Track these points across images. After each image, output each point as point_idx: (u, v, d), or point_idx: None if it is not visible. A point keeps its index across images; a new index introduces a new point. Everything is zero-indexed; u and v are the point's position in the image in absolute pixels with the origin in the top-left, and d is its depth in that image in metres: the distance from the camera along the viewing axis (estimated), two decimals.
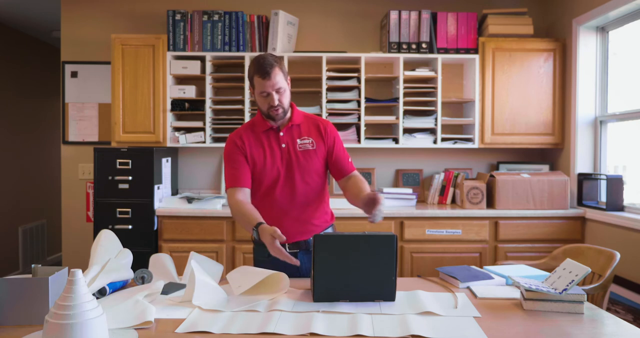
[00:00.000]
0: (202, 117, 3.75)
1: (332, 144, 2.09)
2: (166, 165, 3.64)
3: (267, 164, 2.04)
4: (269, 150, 2.04)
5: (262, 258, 2.06)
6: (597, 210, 3.30)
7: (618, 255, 2.23)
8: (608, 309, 2.86)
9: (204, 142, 3.65)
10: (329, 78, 3.66)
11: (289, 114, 2.07)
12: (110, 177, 3.40)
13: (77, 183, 3.96)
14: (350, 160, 2.14)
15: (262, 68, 1.93)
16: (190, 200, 3.48)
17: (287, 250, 2.03)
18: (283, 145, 2.05)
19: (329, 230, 2.16)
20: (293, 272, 1.99)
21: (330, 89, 3.69)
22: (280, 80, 1.96)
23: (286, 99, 2.01)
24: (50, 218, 5.60)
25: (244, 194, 2.01)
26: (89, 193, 3.92)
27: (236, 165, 2.04)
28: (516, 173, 3.54)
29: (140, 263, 2.09)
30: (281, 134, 2.05)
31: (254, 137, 2.06)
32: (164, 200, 3.52)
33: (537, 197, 3.44)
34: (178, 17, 3.64)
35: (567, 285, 1.59)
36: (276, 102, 1.96)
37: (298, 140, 2.06)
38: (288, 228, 1.96)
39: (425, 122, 3.68)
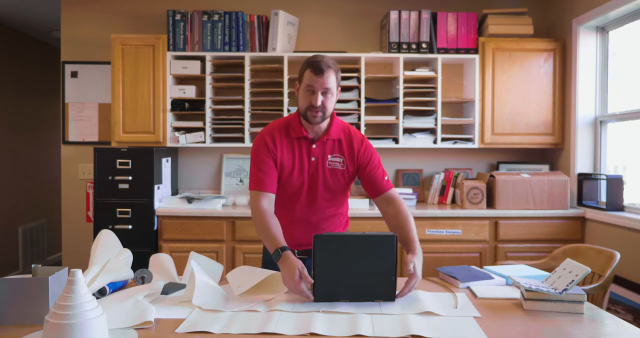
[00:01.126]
0: (202, 117, 3.75)
1: (364, 163, 2.00)
2: (166, 165, 3.64)
3: (294, 173, 1.96)
4: (299, 160, 1.96)
5: (271, 258, 2.05)
6: (597, 210, 3.30)
7: (618, 255, 2.23)
8: (608, 309, 2.86)
9: (204, 142, 3.65)
10: None
11: (325, 125, 1.97)
12: (110, 177, 3.40)
13: (77, 183, 3.96)
14: (387, 178, 2.04)
15: (318, 65, 1.86)
16: (190, 200, 3.48)
17: (296, 255, 2.01)
18: (313, 159, 1.96)
19: None
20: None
21: None
22: (332, 82, 1.87)
23: (330, 105, 1.91)
24: (50, 218, 5.60)
25: (269, 201, 1.93)
26: (89, 193, 3.92)
27: (264, 168, 1.94)
28: (516, 173, 3.54)
29: (140, 263, 2.09)
30: (314, 146, 1.96)
31: (287, 142, 1.97)
32: (164, 200, 3.52)
33: (537, 197, 3.44)
34: (178, 17, 3.64)
35: (567, 285, 1.59)
36: (318, 103, 1.86)
37: (329, 157, 1.97)
38: (301, 236, 1.96)
39: (425, 122, 3.68)
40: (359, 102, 3.66)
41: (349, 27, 3.95)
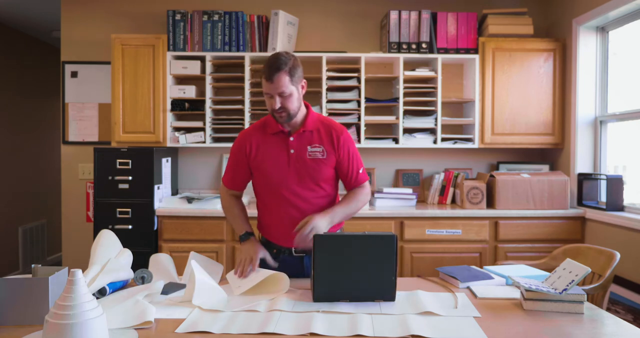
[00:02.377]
0: (202, 117, 3.75)
1: (343, 156, 2.02)
2: (166, 165, 3.64)
3: (273, 168, 1.99)
4: (277, 154, 1.99)
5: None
6: (597, 210, 3.30)
7: (618, 255, 2.23)
8: (608, 309, 2.86)
9: (204, 142, 3.65)
10: (329, 78, 3.66)
11: (300, 118, 2.00)
12: (110, 177, 3.40)
13: (77, 183, 3.96)
14: (361, 170, 2.08)
15: (268, 70, 1.88)
16: (190, 200, 3.48)
17: (294, 254, 2.02)
18: (292, 151, 1.98)
19: (337, 231, 2.13)
20: (296, 273, 1.99)
21: (330, 89, 3.69)
22: (285, 84, 1.88)
23: (292, 104, 1.92)
24: (50, 218, 5.60)
25: (235, 195, 2.15)
26: (89, 193, 3.92)
27: (236, 167, 2.07)
28: (516, 173, 3.54)
29: (140, 263, 2.09)
30: (291, 139, 1.99)
31: (263, 139, 2.02)
32: (164, 200, 3.52)
33: (537, 197, 3.44)
34: (178, 17, 3.64)
35: (567, 285, 1.59)
36: (277, 105, 1.90)
37: (309, 148, 1.99)
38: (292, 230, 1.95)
39: (425, 122, 3.68)
40: (359, 102, 3.66)
41: (349, 27, 3.95)
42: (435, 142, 3.67)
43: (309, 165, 1.99)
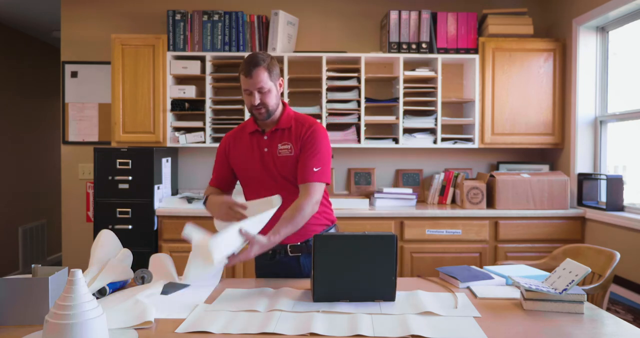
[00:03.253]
0: (202, 117, 3.75)
1: (304, 144, 1.95)
2: (166, 165, 3.64)
3: (249, 167, 2.03)
4: (251, 154, 2.02)
5: (265, 261, 2.05)
6: (597, 210, 3.30)
7: (618, 255, 2.23)
8: (608, 309, 2.86)
9: (204, 142, 3.65)
10: (329, 78, 3.66)
11: (276, 117, 2.00)
12: (110, 177, 3.40)
13: (77, 183, 3.96)
14: (317, 169, 1.92)
15: (246, 66, 1.90)
16: (190, 200, 3.47)
17: (290, 254, 2.01)
18: (265, 150, 2.00)
19: (332, 230, 2.11)
20: (293, 273, 1.99)
21: (330, 89, 3.69)
22: (264, 80, 1.90)
23: (271, 100, 1.94)
24: (50, 218, 5.60)
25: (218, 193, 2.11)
26: (89, 193, 3.92)
27: (219, 167, 2.13)
28: (516, 173, 3.54)
29: (140, 263, 2.09)
30: (265, 137, 2.01)
31: (241, 140, 2.06)
32: (164, 200, 3.52)
33: (537, 197, 3.44)
34: (178, 17, 3.64)
35: (567, 285, 1.59)
36: (256, 102, 1.91)
37: (279, 145, 1.99)
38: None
39: (425, 122, 3.68)
40: (359, 102, 3.66)
41: (349, 27, 3.95)
42: (435, 142, 3.67)
43: (280, 162, 1.98)
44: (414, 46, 3.67)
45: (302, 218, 1.87)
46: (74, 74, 3.97)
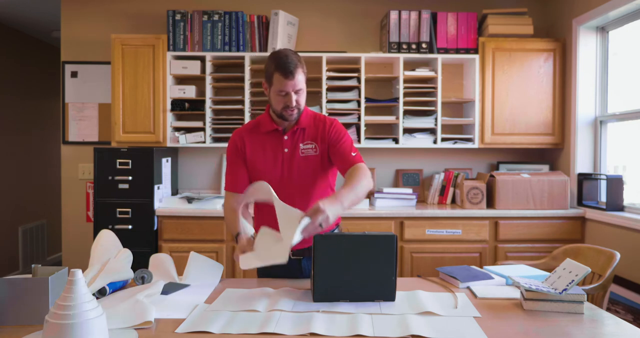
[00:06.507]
0: (202, 117, 3.75)
1: (334, 141, 1.96)
2: (166, 165, 3.64)
3: (267, 167, 1.97)
4: (271, 153, 1.97)
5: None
6: (597, 210, 3.30)
7: (618, 255, 2.23)
8: (608, 309, 2.86)
9: (204, 142, 3.65)
10: (329, 78, 3.66)
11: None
12: (110, 177, 3.40)
13: (77, 183, 3.96)
14: (354, 154, 1.94)
15: (286, 66, 1.84)
16: (190, 200, 3.48)
17: (291, 257, 1.99)
18: (286, 150, 1.96)
19: (336, 231, 2.11)
20: (296, 276, 1.99)
21: (330, 89, 3.69)
22: (302, 80, 1.88)
23: (303, 100, 1.93)
24: (50, 218, 5.60)
25: (238, 200, 1.99)
26: (89, 193, 3.93)
27: (234, 168, 2.02)
28: (516, 173, 3.54)
29: (140, 263, 2.09)
30: (285, 137, 1.97)
31: (256, 139, 1.99)
32: (164, 200, 3.52)
33: (537, 197, 3.44)
34: (178, 17, 3.64)
35: (567, 285, 1.59)
36: (294, 103, 1.88)
37: (301, 145, 1.96)
38: None
39: (425, 122, 3.68)
40: (359, 102, 3.66)
41: (349, 27, 3.95)
42: (435, 142, 3.67)
43: (302, 163, 1.96)
44: (414, 46, 3.67)
45: (361, 186, 1.81)
46: (74, 74, 3.97)
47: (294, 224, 1.64)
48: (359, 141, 3.63)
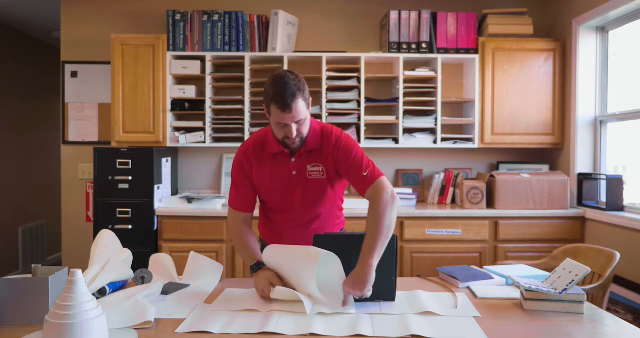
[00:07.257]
0: (202, 117, 3.75)
1: (339, 158, 1.87)
2: (166, 165, 3.64)
3: (275, 188, 1.92)
4: (278, 175, 1.90)
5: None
6: (597, 210, 3.30)
7: (618, 255, 2.23)
8: (608, 309, 2.86)
9: (204, 142, 3.65)
10: (329, 78, 3.66)
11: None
12: (110, 177, 3.40)
13: (77, 183, 3.96)
14: (366, 173, 1.85)
15: (282, 98, 1.70)
16: (190, 200, 3.48)
17: None
18: (294, 173, 1.89)
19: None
20: None
21: (330, 89, 3.69)
22: (302, 110, 1.74)
23: (306, 128, 1.81)
24: (50, 218, 5.60)
25: (245, 218, 1.96)
26: (89, 194, 3.92)
27: (239, 188, 1.94)
28: (516, 173, 3.54)
29: (140, 263, 2.09)
30: (293, 160, 1.88)
31: (265, 158, 1.90)
32: (164, 200, 3.52)
33: (537, 197, 3.44)
34: (178, 17, 3.64)
35: (567, 285, 1.59)
36: (294, 134, 1.77)
37: (308, 167, 1.88)
38: (296, 242, 1.87)
39: (425, 122, 3.68)
40: (359, 102, 3.66)
41: (349, 27, 3.95)
42: (435, 142, 3.67)
43: (309, 185, 1.90)
44: (414, 46, 3.67)
45: (389, 222, 1.71)
46: (74, 74, 3.97)
47: (310, 281, 1.61)
48: (359, 141, 3.63)
